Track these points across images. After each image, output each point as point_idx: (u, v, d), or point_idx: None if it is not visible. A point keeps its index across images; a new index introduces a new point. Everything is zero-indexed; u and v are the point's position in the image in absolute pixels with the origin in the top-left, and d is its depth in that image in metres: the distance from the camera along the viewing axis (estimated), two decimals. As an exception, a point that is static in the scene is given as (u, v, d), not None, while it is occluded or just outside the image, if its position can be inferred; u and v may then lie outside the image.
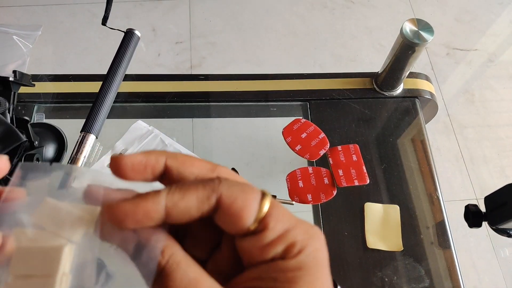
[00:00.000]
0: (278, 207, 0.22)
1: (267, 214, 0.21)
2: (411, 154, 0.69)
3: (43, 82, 0.73)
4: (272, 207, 0.21)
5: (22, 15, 1.55)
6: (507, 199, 0.49)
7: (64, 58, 1.47)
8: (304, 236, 0.21)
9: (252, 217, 0.21)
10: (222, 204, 0.21)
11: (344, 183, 0.64)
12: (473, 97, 1.47)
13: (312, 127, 0.69)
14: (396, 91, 0.75)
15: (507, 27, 1.63)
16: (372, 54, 1.52)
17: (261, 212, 0.21)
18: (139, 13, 1.58)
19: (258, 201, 0.21)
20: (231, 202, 0.20)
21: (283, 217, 0.22)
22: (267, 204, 0.21)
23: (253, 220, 0.21)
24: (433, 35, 0.63)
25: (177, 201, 0.20)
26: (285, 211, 0.22)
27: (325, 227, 0.62)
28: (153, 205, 0.20)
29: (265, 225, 0.21)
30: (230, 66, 1.47)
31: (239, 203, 0.21)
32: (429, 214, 0.64)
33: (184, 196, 0.20)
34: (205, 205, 0.20)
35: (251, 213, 0.21)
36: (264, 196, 0.21)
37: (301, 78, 0.76)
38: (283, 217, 0.22)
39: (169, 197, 0.20)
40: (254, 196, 0.21)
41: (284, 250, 0.21)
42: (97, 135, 0.54)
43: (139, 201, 0.20)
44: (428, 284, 0.59)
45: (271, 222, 0.21)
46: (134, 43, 0.60)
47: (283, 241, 0.21)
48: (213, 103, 0.74)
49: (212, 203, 0.21)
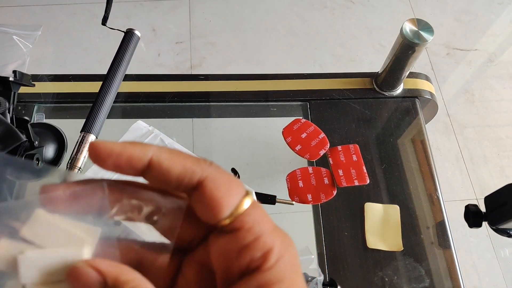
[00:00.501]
0: (259, 209, 0.21)
1: (245, 212, 0.21)
2: (411, 154, 0.69)
3: (43, 82, 0.73)
4: (253, 207, 0.21)
5: (22, 15, 1.55)
6: (507, 199, 0.49)
7: (64, 58, 1.47)
8: (280, 243, 0.21)
9: (230, 207, 0.20)
10: (205, 186, 0.20)
11: (344, 183, 0.64)
12: (473, 97, 1.47)
13: (312, 127, 0.69)
14: (396, 91, 0.75)
15: (507, 27, 1.63)
16: (372, 54, 1.52)
17: (240, 207, 0.20)
18: (139, 13, 1.58)
19: (240, 196, 0.21)
20: (214, 187, 0.20)
21: (262, 219, 0.21)
22: (247, 202, 0.21)
23: (229, 212, 0.20)
24: (433, 35, 0.63)
25: (163, 159, 0.20)
26: (265, 215, 0.21)
27: (325, 227, 0.62)
28: (140, 153, 0.20)
29: (242, 224, 0.20)
30: (230, 66, 1.47)
31: (221, 190, 0.20)
32: (429, 214, 0.64)
33: (171, 158, 0.20)
34: (186, 177, 0.20)
35: (230, 204, 0.20)
36: (247, 194, 0.21)
37: (301, 78, 0.76)
38: (262, 219, 0.21)
39: (157, 153, 0.20)
40: (237, 191, 0.21)
41: (261, 257, 0.20)
42: (97, 135, 0.54)
43: (127, 145, 0.20)
44: (428, 284, 0.59)
45: (249, 222, 0.20)
46: (134, 43, 0.60)
47: (261, 246, 0.20)
48: (213, 103, 0.74)
49: (194, 179, 0.20)
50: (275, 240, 0.21)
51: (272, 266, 0.20)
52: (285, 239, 0.21)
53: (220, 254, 0.21)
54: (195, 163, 0.20)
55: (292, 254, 0.21)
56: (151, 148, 0.20)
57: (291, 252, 0.21)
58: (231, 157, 0.84)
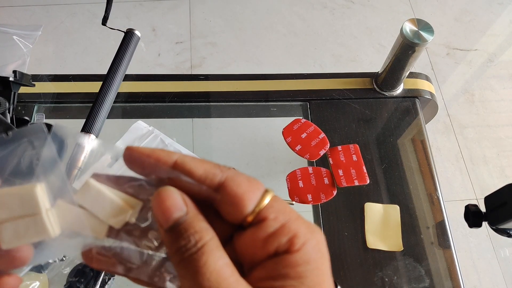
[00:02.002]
0: (280, 201, 0.22)
1: (267, 206, 0.22)
2: (411, 154, 0.69)
3: (43, 82, 0.73)
4: (274, 200, 0.22)
5: (22, 15, 1.55)
6: (507, 199, 0.49)
7: (64, 58, 1.46)
8: (306, 229, 0.22)
9: (252, 204, 0.21)
10: (226, 186, 0.21)
11: (344, 183, 0.64)
12: (473, 97, 1.47)
13: (312, 127, 0.69)
14: (396, 91, 0.75)
15: (507, 27, 1.63)
16: (372, 54, 1.52)
17: (262, 202, 0.22)
18: (139, 13, 1.58)
19: (260, 192, 0.22)
20: (235, 185, 0.21)
21: (285, 209, 0.22)
22: (268, 197, 0.22)
23: (253, 207, 0.21)
24: (433, 35, 0.63)
25: (187, 162, 0.22)
26: (286, 205, 0.22)
27: (325, 227, 0.62)
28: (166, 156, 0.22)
29: (265, 216, 0.21)
30: (230, 66, 1.47)
31: (242, 187, 0.21)
32: (429, 214, 0.64)
33: (193, 162, 0.22)
34: (208, 178, 0.21)
35: (252, 200, 0.21)
36: (267, 191, 0.22)
37: (301, 78, 0.76)
38: (285, 209, 0.22)
39: (181, 157, 0.22)
40: (258, 187, 0.22)
41: (288, 241, 0.21)
42: (97, 135, 0.54)
43: (155, 150, 0.22)
44: (428, 284, 0.59)
45: (272, 213, 0.21)
46: (134, 43, 0.60)
47: (286, 232, 0.21)
48: (213, 103, 0.74)
49: (215, 180, 0.21)
50: (300, 226, 0.22)
51: (299, 248, 0.21)
52: (309, 225, 0.22)
53: (247, 246, 0.22)
54: (215, 166, 0.22)
55: (317, 239, 0.22)
56: (176, 153, 0.22)
57: (316, 237, 0.22)
58: (231, 157, 0.84)
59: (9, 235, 0.21)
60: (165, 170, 0.22)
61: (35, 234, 0.21)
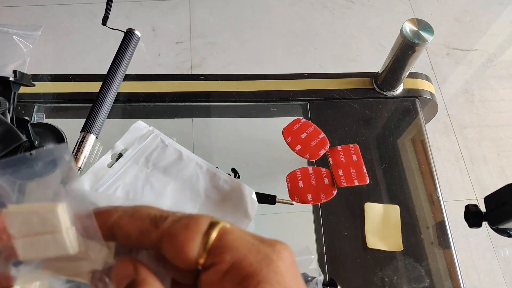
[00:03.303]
0: (231, 234, 0.22)
1: (215, 245, 0.21)
2: (411, 154, 0.69)
3: (43, 82, 0.73)
4: (224, 233, 0.22)
5: (22, 15, 1.55)
6: (507, 199, 0.49)
7: (64, 58, 1.46)
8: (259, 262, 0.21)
9: (194, 251, 0.21)
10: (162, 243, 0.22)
11: (344, 183, 0.64)
12: (473, 97, 1.47)
13: (312, 127, 0.69)
14: (396, 91, 0.75)
15: (507, 27, 1.63)
16: (372, 54, 1.52)
17: (208, 242, 0.21)
18: (139, 13, 1.58)
19: (201, 234, 0.21)
20: (171, 240, 0.21)
21: (233, 242, 0.21)
22: (214, 233, 0.21)
23: (195, 253, 0.21)
24: (433, 35, 0.63)
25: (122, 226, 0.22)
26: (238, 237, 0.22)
27: (325, 227, 0.62)
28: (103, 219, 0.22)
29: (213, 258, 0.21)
30: (230, 66, 1.47)
31: (179, 240, 0.21)
32: (429, 214, 0.64)
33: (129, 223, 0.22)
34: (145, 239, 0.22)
35: (193, 248, 0.21)
36: (211, 226, 0.22)
37: (301, 78, 0.76)
38: (233, 242, 0.21)
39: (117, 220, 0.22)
40: (197, 230, 0.21)
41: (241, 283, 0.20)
42: (97, 135, 0.54)
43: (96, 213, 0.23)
44: (428, 284, 0.59)
45: (219, 254, 0.21)
46: (134, 43, 0.60)
47: (237, 273, 0.20)
48: (213, 103, 0.74)
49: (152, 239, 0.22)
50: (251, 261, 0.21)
51: None
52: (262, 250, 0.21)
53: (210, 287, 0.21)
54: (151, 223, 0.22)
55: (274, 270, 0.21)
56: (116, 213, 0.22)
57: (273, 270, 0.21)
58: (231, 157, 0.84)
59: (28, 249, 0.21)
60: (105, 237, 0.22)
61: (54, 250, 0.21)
